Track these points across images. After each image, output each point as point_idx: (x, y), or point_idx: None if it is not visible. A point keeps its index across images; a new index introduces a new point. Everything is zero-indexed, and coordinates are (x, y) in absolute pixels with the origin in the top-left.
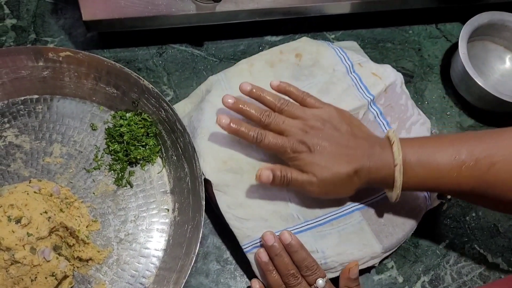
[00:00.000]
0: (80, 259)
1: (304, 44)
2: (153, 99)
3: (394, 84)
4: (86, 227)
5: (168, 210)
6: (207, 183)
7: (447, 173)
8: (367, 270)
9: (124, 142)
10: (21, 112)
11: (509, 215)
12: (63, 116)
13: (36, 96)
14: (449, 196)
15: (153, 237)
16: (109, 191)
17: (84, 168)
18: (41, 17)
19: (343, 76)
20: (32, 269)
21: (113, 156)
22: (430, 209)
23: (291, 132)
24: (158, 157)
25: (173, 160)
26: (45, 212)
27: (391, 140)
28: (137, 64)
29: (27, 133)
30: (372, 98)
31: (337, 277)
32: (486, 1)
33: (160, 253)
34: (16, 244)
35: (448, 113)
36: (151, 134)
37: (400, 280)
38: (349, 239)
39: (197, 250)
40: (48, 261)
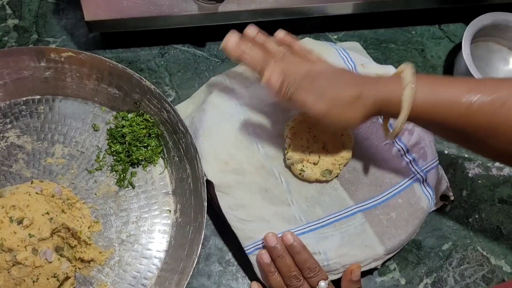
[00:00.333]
0: (82, 260)
1: (307, 45)
2: (155, 100)
3: None
4: (88, 228)
5: (170, 211)
6: (209, 184)
7: (458, 104)
8: (370, 272)
9: (126, 143)
10: (23, 113)
11: None
12: (65, 117)
13: (38, 97)
14: (452, 198)
15: (155, 238)
16: (111, 192)
17: (86, 169)
18: (43, 18)
19: None
20: (34, 270)
21: (115, 157)
22: (433, 211)
23: (293, 70)
24: (160, 158)
25: (175, 161)
26: (47, 213)
27: (402, 69)
28: (139, 65)
29: (29, 134)
30: None
31: (339, 279)
32: (490, 2)
33: (162, 254)
34: (18, 245)
35: None
36: (153, 135)
37: (403, 282)
38: (352, 241)
39: (199, 252)
40: (50, 262)
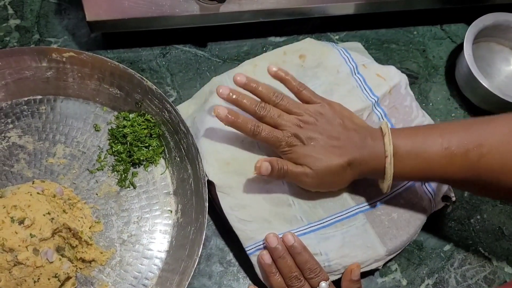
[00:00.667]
0: (83, 260)
1: (308, 45)
2: (157, 100)
3: (399, 86)
4: (89, 228)
5: (171, 212)
6: (210, 185)
7: (438, 163)
8: (371, 273)
9: (127, 143)
10: (25, 113)
11: None
12: (67, 117)
13: (40, 97)
14: (454, 199)
15: (156, 239)
16: (112, 192)
17: (87, 169)
18: (45, 18)
19: (347, 77)
20: (35, 270)
21: (116, 157)
22: (435, 212)
23: (286, 126)
24: (161, 158)
25: (176, 161)
26: (48, 213)
27: (384, 132)
28: (141, 65)
29: (31, 134)
30: (377, 100)
31: (340, 279)
32: (492, 2)
33: (163, 255)
34: (19, 245)
35: (453, 115)
36: (154, 135)
37: (404, 283)
38: (353, 242)
39: (200, 252)
40: (51, 262)
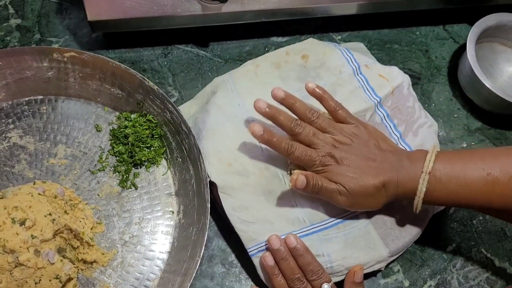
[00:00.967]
0: (85, 262)
1: (311, 45)
2: (158, 101)
3: (401, 86)
4: (91, 229)
5: (173, 212)
6: (212, 185)
7: (479, 190)
8: (373, 274)
9: (129, 144)
10: (26, 113)
11: None
12: (68, 117)
13: (41, 97)
14: None
15: (158, 240)
16: (114, 193)
17: (89, 170)
18: (46, 17)
19: (350, 78)
20: (36, 272)
21: (118, 158)
22: (437, 213)
23: (320, 145)
24: (163, 159)
25: (178, 162)
26: (50, 214)
27: (430, 152)
28: (142, 65)
29: (32, 134)
30: (379, 100)
31: (343, 281)
32: (495, 3)
33: (165, 256)
34: (20, 247)
35: (456, 116)
36: (156, 136)
37: (406, 284)
38: (355, 243)
39: (202, 253)
40: (52, 264)
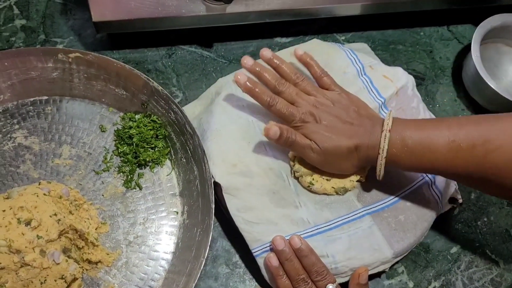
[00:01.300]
0: (89, 262)
1: (315, 46)
2: (163, 101)
3: (406, 87)
4: (95, 230)
5: (177, 213)
6: (217, 186)
7: (443, 155)
8: (378, 275)
9: (133, 144)
10: (31, 113)
11: None
12: (72, 118)
13: (46, 97)
14: (461, 201)
15: (162, 240)
16: (118, 193)
17: (93, 170)
18: (51, 18)
19: (354, 79)
20: (42, 272)
21: (122, 158)
22: (441, 214)
23: (302, 104)
24: (167, 160)
25: (182, 163)
26: (55, 215)
27: (383, 126)
28: (147, 66)
29: (36, 135)
30: (384, 101)
31: (347, 282)
32: (499, 3)
33: (169, 256)
34: (26, 247)
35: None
36: (161, 136)
37: (411, 286)
38: (360, 244)
39: (207, 254)
40: (58, 264)
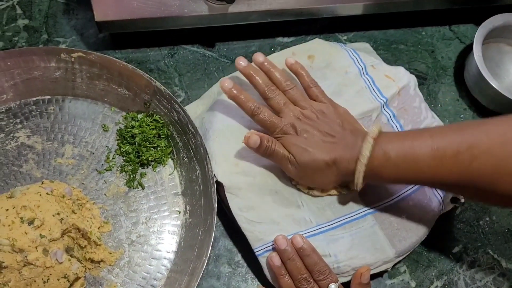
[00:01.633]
0: (92, 261)
1: (317, 46)
2: (165, 101)
3: (408, 87)
4: (98, 229)
5: (180, 212)
6: (219, 186)
7: (427, 165)
8: (380, 275)
9: (136, 144)
10: (33, 113)
11: None
12: (75, 117)
13: (48, 97)
14: (463, 200)
15: (165, 239)
16: (121, 193)
17: (96, 169)
18: (53, 18)
19: (356, 78)
20: (45, 271)
21: (125, 158)
22: (444, 213)
23: (286, 115)
24: (170, 159)
25: (185, 162)
26: (58, 214)
27: (369, 134)
28: (149, 65)
29: (39, 134)
30: (385, 101)
31: (350, 281)
32: (501, 3)
33: (172, 256)
34: (29, 246)
35: (462, 116)
36: (163, 136)
37: (413, 285)
38: (362, 243)
39: (209, 253)
40: (61, 263)
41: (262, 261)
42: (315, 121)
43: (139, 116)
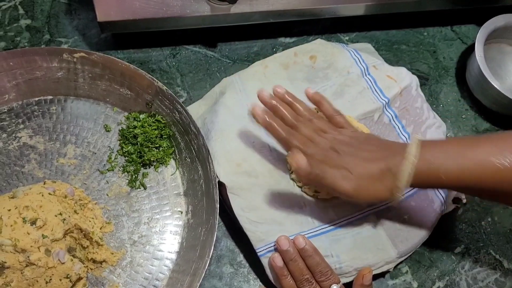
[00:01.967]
0: (94, 261)
1: (319, 46)
2: (167, 101)
3: (410, 87)
4: (100, 229)
5: (182, 213)
6: (221, 186)
7: (490, 173)
8: (382, 275)
9: (138, 144)
10: (35, 113)
11: None
12: (77, 117)
13: (50, 97)
14: (465, 201)
15: (167, 240)
16: (123, 193)
17: (98, 170)
18: (55, 18)
19: (358, 79)
20: (47, 271)
21: (127, 158)
22: (445, 214)
23: (320, 141)
24: (172, 159)
25: (187, 162)
26: (60, 214)
27: (413, 141)
28: (151, 65)
29: (41, 134)
30: (387, 101)
31: (352, 282)
32: (503, 3)
33: (174, 256)
34: (31, 246)
35: (464, 116)
36: (165, 136)
37: (415, 285)
38: (364, 244)
39: (211, 253)
40: (63, 263)
41: (264, 262)
42: (351, 142)
43: (141, 116)
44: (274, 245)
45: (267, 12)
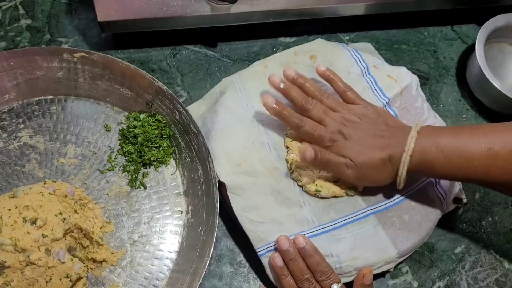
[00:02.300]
0: (94, 261)
1: (319, 46)
2: (167, 101)
3: (410, 87)
4: (100, 229)
5: (182, 212)
6: (221, 185)
7: (479, 163)
8: (382, 275)
9: (138, 144)
10: (36, 113)
11: None
12: (77, 117)
13: (51, 97)
14: (465, 201)
15: (167, 239)
16: (123, 193)
17: (98, 169)
18: (56, 18)
19: (358, 78)
20: (47, 271)
21: (127, 157)
22: (446, 214)
23: (329, 122)
24: (172, 159)
25: (187, 162)
26: (60, 214)
27: (413, 129)
28: (151, 65)
29: (42, 134)
30: (388, 101)
31: (352, 282)
32: (503, 3)
33: (174, 255)
34: (32, 246)
35: (464, 116)
36: (165, 136)
37: (415, 285)
38: (364, 244)
39: (211, 253)
40: (63, 263)
41: (264, 261)
42: (360, 123)
43: (141, 116)
44: (274, 245)
45: (267, 12)
